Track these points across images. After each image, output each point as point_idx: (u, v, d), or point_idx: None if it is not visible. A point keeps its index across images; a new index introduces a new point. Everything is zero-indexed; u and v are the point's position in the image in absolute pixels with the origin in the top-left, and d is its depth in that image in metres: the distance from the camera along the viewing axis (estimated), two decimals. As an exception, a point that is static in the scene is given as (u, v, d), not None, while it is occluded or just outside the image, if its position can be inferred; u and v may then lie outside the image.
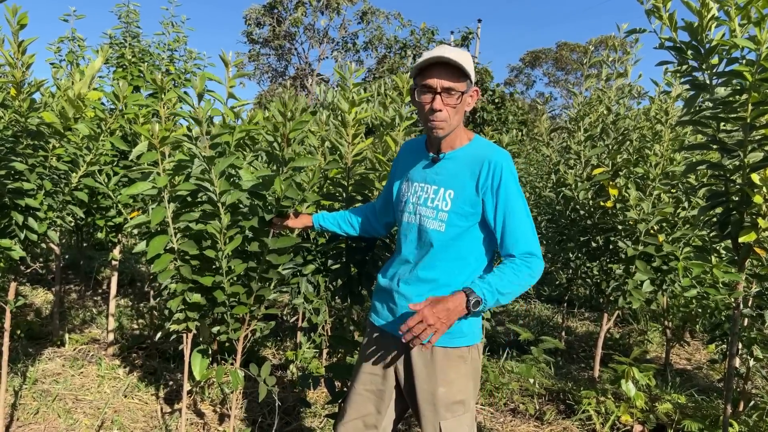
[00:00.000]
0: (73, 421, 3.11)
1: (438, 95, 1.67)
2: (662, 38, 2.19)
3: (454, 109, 1.70)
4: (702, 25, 2.03)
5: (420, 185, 1.82)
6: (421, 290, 1.78)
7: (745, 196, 2.13)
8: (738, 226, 2.16)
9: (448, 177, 1.77)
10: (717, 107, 2.12)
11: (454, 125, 1.74)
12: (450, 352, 1.76)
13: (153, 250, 2.01)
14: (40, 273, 6.28)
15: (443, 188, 1.76)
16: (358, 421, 1.88)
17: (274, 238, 2.15)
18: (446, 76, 1.66)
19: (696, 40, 2.07)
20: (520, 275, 1.65)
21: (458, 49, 1.70)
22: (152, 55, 4.76)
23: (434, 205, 1.76)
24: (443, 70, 1.66)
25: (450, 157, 1.79)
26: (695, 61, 2.12)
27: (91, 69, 2.52)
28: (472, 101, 1.79)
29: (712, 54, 2.06)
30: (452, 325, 1.61)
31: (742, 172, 2.13)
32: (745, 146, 2.08)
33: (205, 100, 1.89)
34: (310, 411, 3.41)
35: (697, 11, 2.02)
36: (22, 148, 2.42)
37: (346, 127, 2.47)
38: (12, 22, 2.16)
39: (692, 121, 2.25)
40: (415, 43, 17.51)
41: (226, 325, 2.28)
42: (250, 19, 25.09)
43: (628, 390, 3.21)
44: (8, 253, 2.42)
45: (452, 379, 1.75)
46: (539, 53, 37.10)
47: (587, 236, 3.67)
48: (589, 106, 3.81)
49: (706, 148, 2.35)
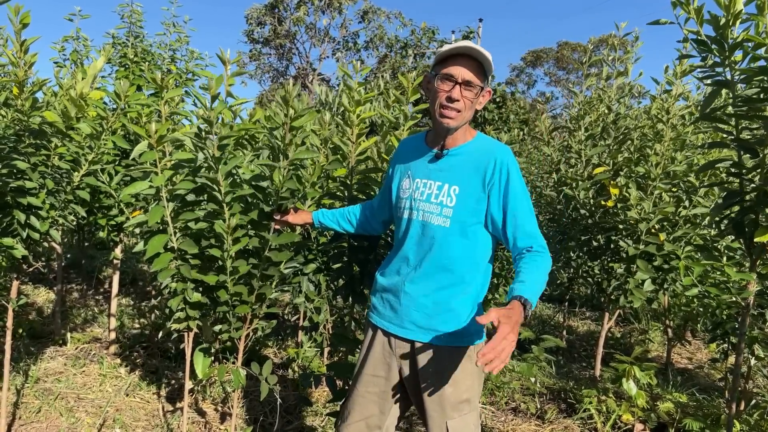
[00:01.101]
0: (75, 420, 3.12)
1: (458, 85, 1.69)
2: (686, 30, 2.09)
3: (470, 102, 1.72)
4: (728, 19, 1.97)
5: (422, 181, 1.81)
6: (427, 289, 1.77)
7: (762, 196, 2.08)
8: (754, 225, 2.12)
9: (453, 173, 1.77)
10: (739, 105, 2.07)
11: (466, 119, 1.76)
12: (456, 351, 1.76)
13: (152, 249, 2.02)
14: (41, 272, 6.29)
15: (448, 184, 1.76)
16: (362, 423, 1.88)
17: (275, 235, 2.15)
18: (469, 69, 1.69)
19: (720, 35, 1.99)
20: (543, 269, 1.65)
21: (479, 47, 1.72)
22: (154, 55, 4.77)
23: (438, 201, 1.76)
24: (467, 62, 1.69)
25: (454, 153, 1.79)
26: (718, 57, 2.04)
27: (93, 68, 2.53)
28: (483, 101, 1.80)
29: (735, 50, 1.98)
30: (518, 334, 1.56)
31: (761, 170, 2.08)
32: (766, 144, 2.03)
33: (219, 100, 1.90)
34: (312, 410, 3.42)
35: (724, 5, 1.97)
36: (24, 146, 2.43)
37: (350, 126, 2.47)
38: (15, 22, 2.17)
39: (711, 117, 2.17)
40: (416, 42, 17.52)
41: (228, 324, 2.28)
42: (252, 18, 25.11)
43: (630, 389, 3.21)
44: (10, 251, 2.43)
45: (458, 378, 1.75)
46: (540, 52, 37.09)
47: (588, 235, 3.67)
48: (589, 105, 3.81)
49: (724, 147, 2.29)
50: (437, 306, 1.76)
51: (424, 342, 1.77)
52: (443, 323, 1.75)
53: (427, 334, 1.76)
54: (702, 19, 2.05)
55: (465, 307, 1.76)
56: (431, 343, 1.76)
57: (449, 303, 1.75)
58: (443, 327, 1.75)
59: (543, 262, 1.66)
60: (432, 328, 1.76)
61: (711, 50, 2.04)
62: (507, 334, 1.39)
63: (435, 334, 1.75)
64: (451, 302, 1.75)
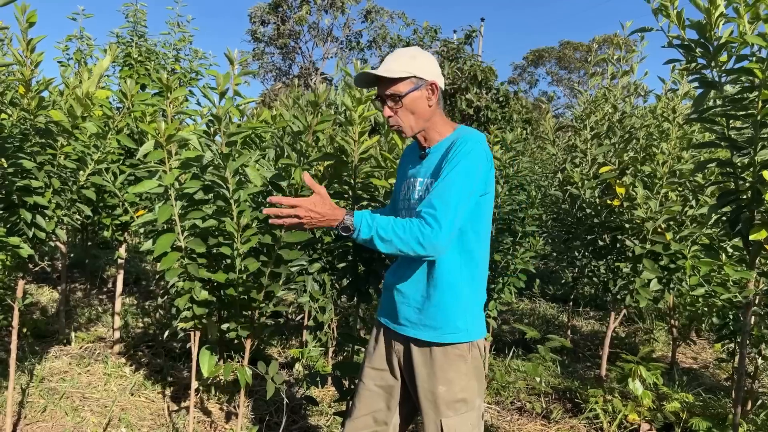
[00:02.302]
0: (81, 419, 3.12)
1: (384, 103, 1.77)
2: (670, 36, 2.18)
3: (403, 111, 1.76)
4: (710, 23, 2.02)
5: (411, 181, 1.86)
6: (416, 285, 1.78)
7: (755, 194, 2.12)
8: (749, 223, 2.14)
9: (429, 167, 1.80)
10: (726, 105, 2.11)
11: (417, 125, 1.78)
12: (448, 350, 1.75)
13: (160, 248, 2.01)
14: (45, 271, 6.30)
15: (425, 179, 1.80)
16: (368, 417, 1.88)
17: (287, 233, 2.15)
18: (383, 84, 1.75)
19: (704, 38, 2.06)
20: (407, 232, 1.59)
21: (398, 53, 1.78)
22: (158, 55, 4.78)
23: (419, 196, 1.79)
24: (380, 79, 1.76)
25: (433, 150, 1.83)
26: (704, 59, 2.11)
27: (99, 68, 2.52)
28: (433, 95, 1.78)
29: (720, 51, 2.05)
30: (315, 226, 1.61)
31: (753, 169, 2.11)
32: (756, 143, 2.06)
33: (226, 98, 1.90)
34: (317, 409, 3.42)
35: (705, 9, 2.02)
36: (30, 146, 2.43)
37: (353, 125, 2.46)
38: (21, 21, 2.16)
39: (701, 118, 2.24)
40: (418, 41, 17.51)
41: (236, 322, 2.28)
42: (255, 17, 25.12)
43: (636, 389, 3.20)
44: (17, 250, 2.43)
45: (452, 378, 1.74)
46: (542, 52, 37.05)
47: (594, 235, 3.66)
48: (595, 104, 3.79)
49: (715, 146, 2.34)
50: (426, 301, 1.76)
51: (416, 338, 1.78)
52: (432, 318, 1.75)
53: (419, 330, 1.77)
54: (683, 24, 2.13)
55: (454, 303, 1.75)
56: (423, 339, 1.76)
57: (439, 298, 1.74)
58: (433, 323, 1.75)
59: (409, 225, 1.59)
60: (422, 323, 1.76)
61: (695, 53, 2.08)
62: (303, 205, 1.55)
63: (426, 330, 1.76)
64: (438, 297, 1.74)
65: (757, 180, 2.10)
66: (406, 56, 1.76)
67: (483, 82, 12.35)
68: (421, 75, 1.74)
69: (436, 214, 1.59)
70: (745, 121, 2.10)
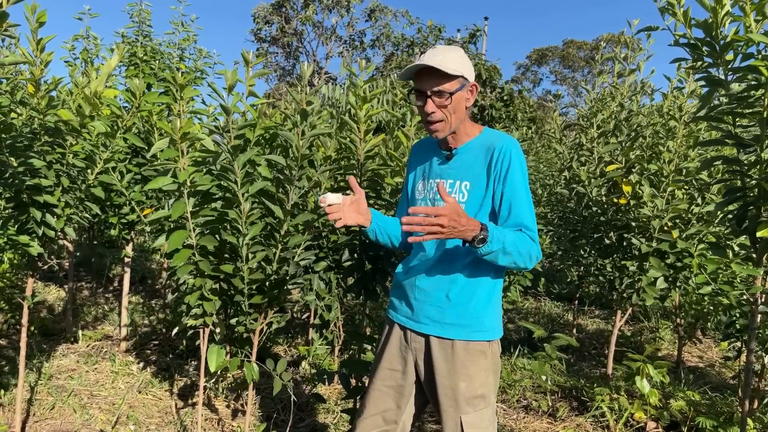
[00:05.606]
0: (89, 417, 3.13)
1: (429, 98, 1.72)
2: (676, 35, 2.18)
3: (448, 108, 1.73)
4: (716, 21, 2.02)
5: (433, 181, 1.85)
6: (440, 283, 1.78)
7: (762, 191, 2.12)
8: (755, 221, 2.14)
9: (462, 169, 1.79)
10: (732, 102, 2.11)
11: (454, 124, 1.76)
12: (471, 346, 1.76)
13: (173, 245, 2.03)
14: (52, 270, 6.33)
15: (459, 181, 1.79)
16: (378, 416, 1.89)
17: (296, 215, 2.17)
18: (433, 79, 1.70)
19: (710, 37, 2.06)
20: (525, 245, 1.66)
21: (445, 50, 1.74)
22: (163, 54, 4.79)
23: (464, 200, 1.78)
24: (429, 73, 1.71)
25: (462, 150, 1.82)
26: (710, 58, 2.11)
27: (107, 67, 2.54)
28: (471, 96, 1.80)
29: (727, 50, 2.05)
30: (454, 236, 1.58)
31: (760, 166, 2.11)
32: (762, 141, 2.07)
33: (233, 93, 1.91)
34: (324, 407, 3.43)
35: (711, 8, 2.02)
36: (39, 145, 2.44)
37: (358, 124, 2.48)
38: (31, 20, 2.18)
39: (707, 116, 2.24)
40: (422, 40, 17.51)
41: (245, 315, 2.29)
42: (259, 17, 25.16)
43: (642, 387, 3.20)
44: (26, 249, 2.44)
45: (473, 373, 1.76)
46: (546, 51, 36.96)
47: (600, 233, 3.66)
48: (601, 102, 3.79)
49: (722, 144, 2.34)
50: (451, 300, 1.77)
51: (438, 336, 1.78)
52: (457, 317, 1.76)
53: (442, 329, 1.77)
54: (690, 23, 2.13)
55: (479, 302, 1.77)
56: (445, 337, 1.77)
57: (463, 297, 1.76)
58: (457, 321, 1.76)
59: (526, 239, 1.67)
60: (446, 322, 1.77)
61: (702, 52, 2.08)
62: (448, 215, 1.50)
63: (449, 328, 1.76)
64: (465, 296, 1.76)
65: (763, 177, 2.11)
66: (455, 54, 1.74)
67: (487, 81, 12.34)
68: (467, 75, 1.75)
69: (533, 235, 1.70)
70: (752, 118, 2.10)
